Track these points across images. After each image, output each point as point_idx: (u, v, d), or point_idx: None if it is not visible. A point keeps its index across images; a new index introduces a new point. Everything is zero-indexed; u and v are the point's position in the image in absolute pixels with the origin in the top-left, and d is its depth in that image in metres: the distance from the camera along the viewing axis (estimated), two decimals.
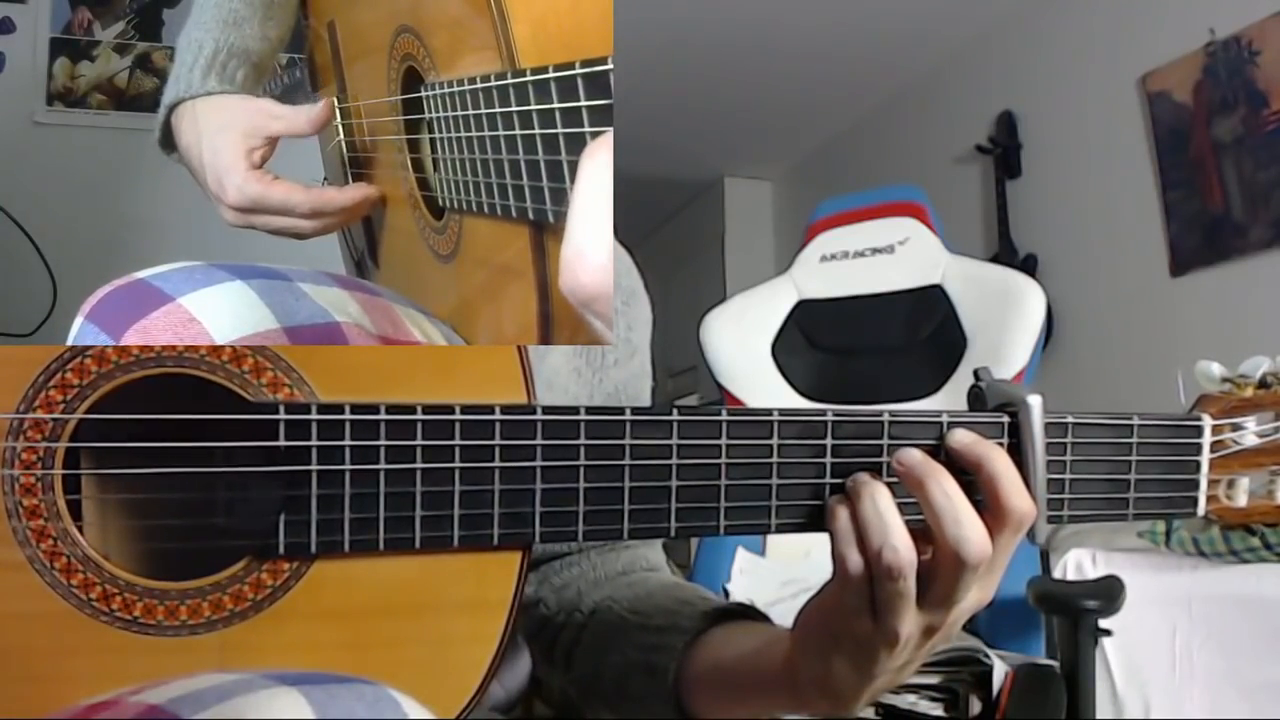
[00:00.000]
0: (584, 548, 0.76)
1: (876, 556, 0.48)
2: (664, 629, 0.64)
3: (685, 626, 0.63)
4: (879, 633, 0.50)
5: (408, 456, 0.48)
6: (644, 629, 0.66)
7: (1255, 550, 1.47)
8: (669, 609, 0.66)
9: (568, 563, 0.76)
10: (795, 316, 1.89)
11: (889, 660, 0.51)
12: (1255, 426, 0.57)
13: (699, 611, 0.64)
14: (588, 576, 0.75)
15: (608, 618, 0.70)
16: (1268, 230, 2.49)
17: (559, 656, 0.74)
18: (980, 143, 3.41)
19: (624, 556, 0.77)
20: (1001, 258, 3.23)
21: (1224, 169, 2.60)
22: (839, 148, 4.45)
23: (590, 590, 0.74)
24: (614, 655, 0.67)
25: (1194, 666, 1.48)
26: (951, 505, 0.48)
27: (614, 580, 0.75)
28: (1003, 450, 0.51)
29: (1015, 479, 0.49)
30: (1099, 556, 1.62)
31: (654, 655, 0.63)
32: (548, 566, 0.76)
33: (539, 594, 0.76)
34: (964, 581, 0.49)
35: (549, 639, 0.75)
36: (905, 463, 0.50)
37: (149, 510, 0.50)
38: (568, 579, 0.76)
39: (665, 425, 0.50)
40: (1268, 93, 2.49)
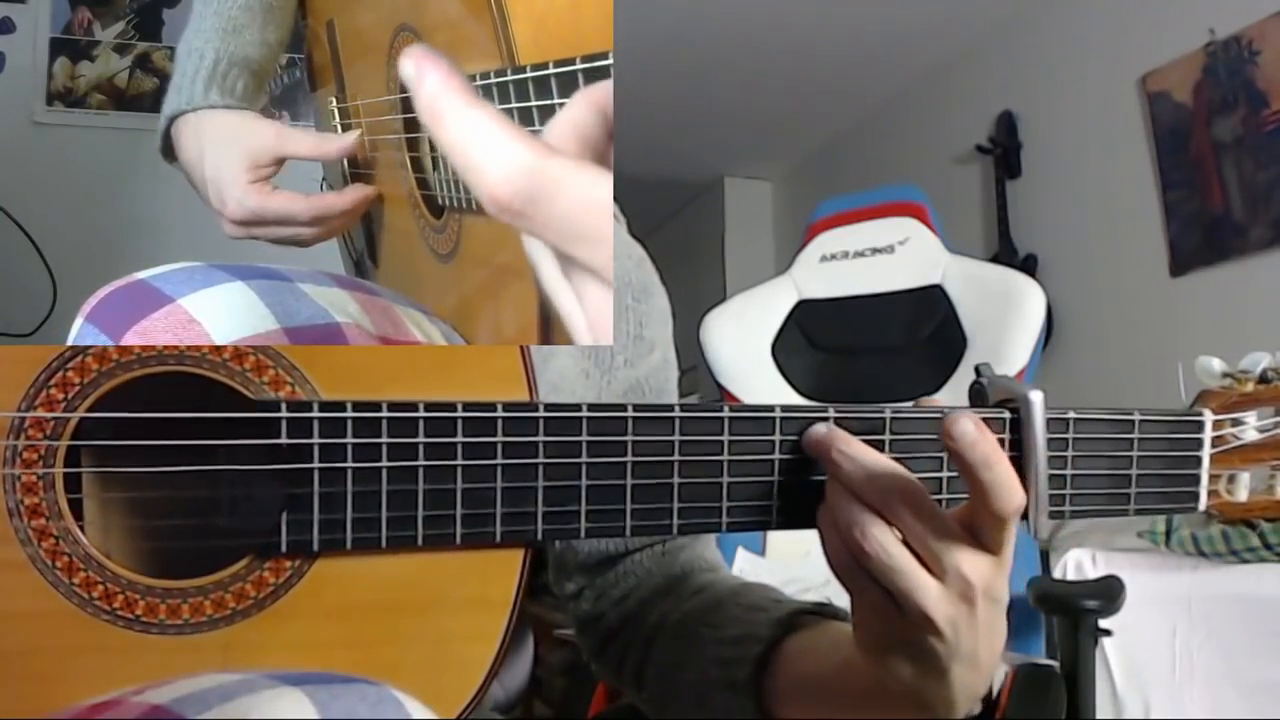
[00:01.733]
0: (631, 549, 0.73)
1: (858, 549, 0.48)
2: (739, 640, 0.62)
3: (761, 635, 0.61)
4: (914, 623, 0.48)
5: (410, 454, 0.48)
6: (718, 642, 0.64)
7: (1255, 550, 1.47)
8: (740, 618, 0.64)
9: (622, 574, 0.74)
10: (795, 316, 1.89)
11: (947, 647, 0.48)
12: (1256, 422, 0.57)
13: (773, 619, 0.62)
14: (646, 585, 0.73)
15: (676, 631, 0.68)
16: (1268, 230, 2.49)
17: (628, 675, 0.71)
18: (980, 143, 3.41)
19: (681, 559, 0.74)
20: (1001, 258, 3.23)
21: (1224, 169, 2.60)
22: (839, 148, 4.45)
23: (652, 600, 0.72)
24: (689, 672, 0.65)
25: (1194, 666, 1.48)
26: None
27: (675, 588, 0.72)
28: (993, 438, 0.48)
29: (1006, 465, 0.47)
30: (1099, 556, 1.62)
31: (731, 669, 0.61)
32: (602, 580, 0.74)
33: (598, 608, 0.74)
34: (995, 529, 0.47)
35: (616, 657, 0.73)
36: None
37: (151, 509, 0.50)
38: (626, 590, 0.73)
39: (667, 422, 0.50)
40: (1268, 93, 2.49)
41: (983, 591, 0.48)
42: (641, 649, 0.70)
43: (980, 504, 0.47)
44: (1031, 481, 0.50)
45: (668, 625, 0.69)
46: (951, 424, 0.47)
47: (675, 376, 0.80)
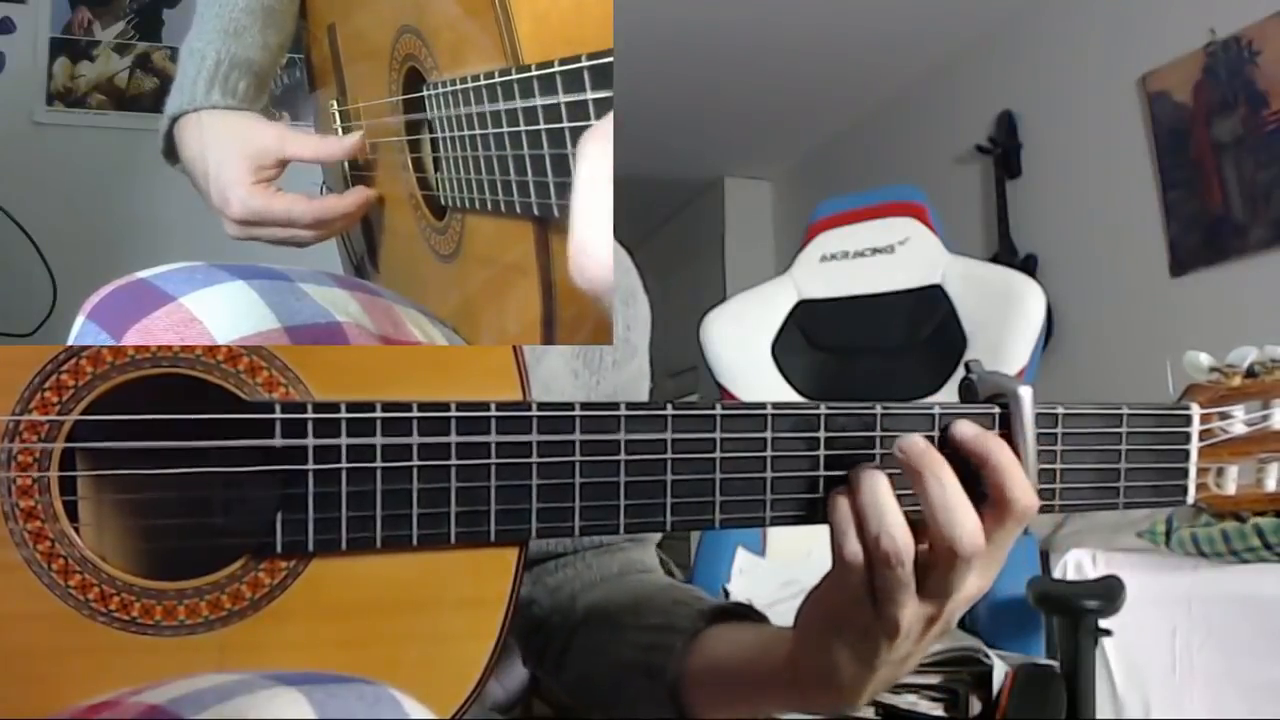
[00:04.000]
0: (579, 549, 0.76)
1: (874, 543, 0.48)
2: (661, 628, 0.64)
3: (682, 626, 0.63)
4: (879, 622, 0.50)
5: (404, 454, 0.48)
6: (640, 629, 0.66)
7: (1255, 550, 1.47)
8: (665, 609, 0.66)
9: (562, 563, 0.76)
10: (795, 316, 1.89)
11: (890, 651, 0.51)
12: (1243, 415, 0.58)
13: (695, 611, 0.64)
14: (582, 578, 0.75)
15: (602, 619, 0.70)
16: (1268, 230, 2.49)
17: (550, 659, 0.73)
18: (980, 143, 3.41)
19: (619, 559, 0.76)
20: (1001, 258, 3.22)
21: (1224, 169, 2.60)
22: (839, 148, 4.45)
23: (584, 592, 0.74)
24: (609, 656, 0.67)
25: (1194, 666, 1.48)
26: (945, 496, 0.48)
27: (609, 582, 0.74)
28: (1006, 443, 0.51)
29: (1019, 472, 0.50)
30: (1099, 556, 1.62)
31: (651, 655, 0.63)
32: (541, 567, 0.76)
33: (532, 594, 0.76)
34: (959, 572, 0.49)
35: (541, 641, 0.75)
36: (906, 450, 0.50)
37: (146, 510, 0.50)
38: (561, 580, 0.75)
39: (660, 420, 0.50)
40: (1268, 93, 2.49)
41: (948, 615, 0.50)
42: (566, 636, 0.72)
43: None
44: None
45: (594, 614, 0.71)
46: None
47: (648, 388, 0.82)
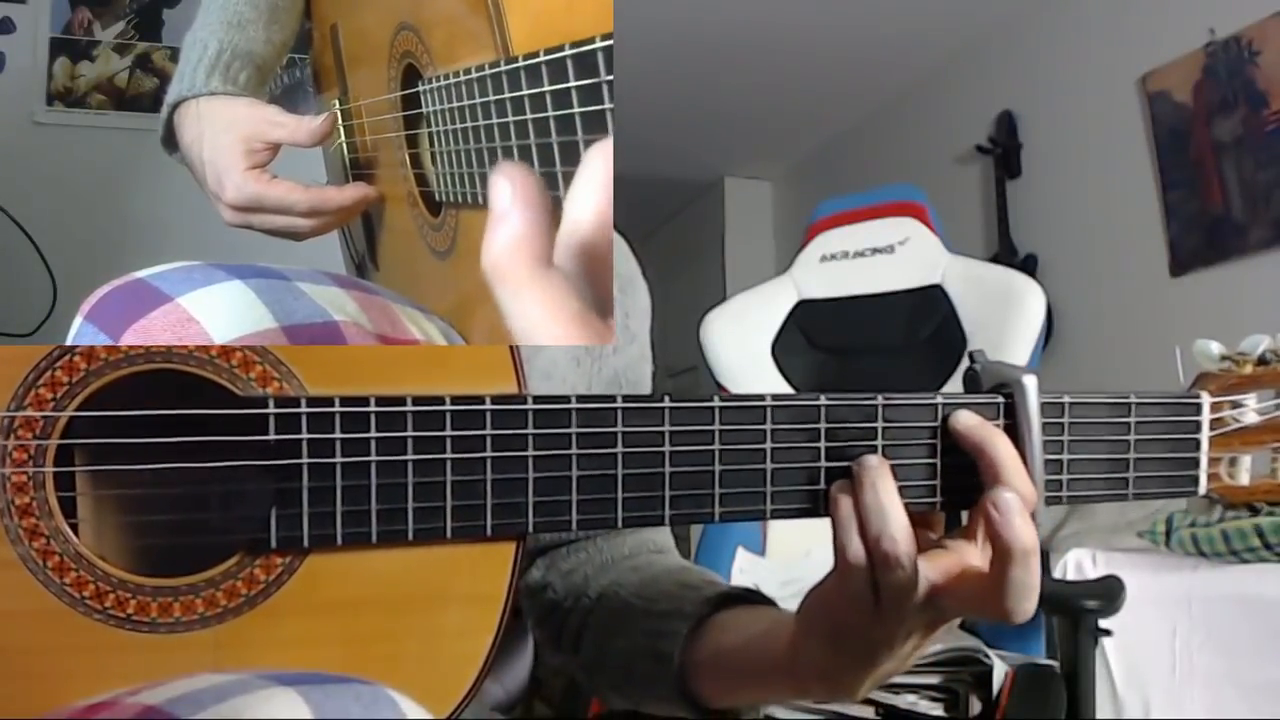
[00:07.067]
0: (589, 534, 0.76)
1: (875, 545, 0.48)
2: (668, 614, 0.64)
3: (689, 611, 0.63)
4: (880, 623, 0.49)
5: (399, 448, 0.48)
6: (649, 614, 0.66)
7: (1255, 550, 1.46)
8: (674, 593, 0.66)
9: (575, 548, 0.76)
10: (795, 316, 1.89)
11: (890, 651, 0.50)
12: (1256, 404, 0.56)
13: (703, 596, 0.64)
14: (594, 560, 0.75)
15: (614, 602, 0.70)
16: (1268, 230, 2.49)
17: (566, 640, 0.74)
18: (980, 143, 3.41)
19: (630, 540, 0.76)
20: (1001, 258, 3.23)
21: (1224, 169, 2.60)
22: (839, 148, 4.45)
23: (597, 574, 0.74)
24: (620, 640, 0.67)
25: (1194, 666, 1.48)
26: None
27: (620, 564, 0.75)
28: (1004, 434, 0.50)
29: (1016, 463, 0.49)
30: (1099, 556, 1.61)
31: (659, 640, 0.63)
32: (555, 552, 0.76)
33: (546, 579, 0.76)
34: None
35: (556, 624, 0.75)
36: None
37: (140, 506, 0.50)
38: (574, 564, 0.76)
39: (657, 412, 0.50)
40: (1268, 93, 2.49)
41: (949, 615, 0.50)
42: (581, 617, 0.72)
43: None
44: (1028, 466, 0.50)
45: (607, 596, 0.71)
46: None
47: (650, 371, 0.81)
